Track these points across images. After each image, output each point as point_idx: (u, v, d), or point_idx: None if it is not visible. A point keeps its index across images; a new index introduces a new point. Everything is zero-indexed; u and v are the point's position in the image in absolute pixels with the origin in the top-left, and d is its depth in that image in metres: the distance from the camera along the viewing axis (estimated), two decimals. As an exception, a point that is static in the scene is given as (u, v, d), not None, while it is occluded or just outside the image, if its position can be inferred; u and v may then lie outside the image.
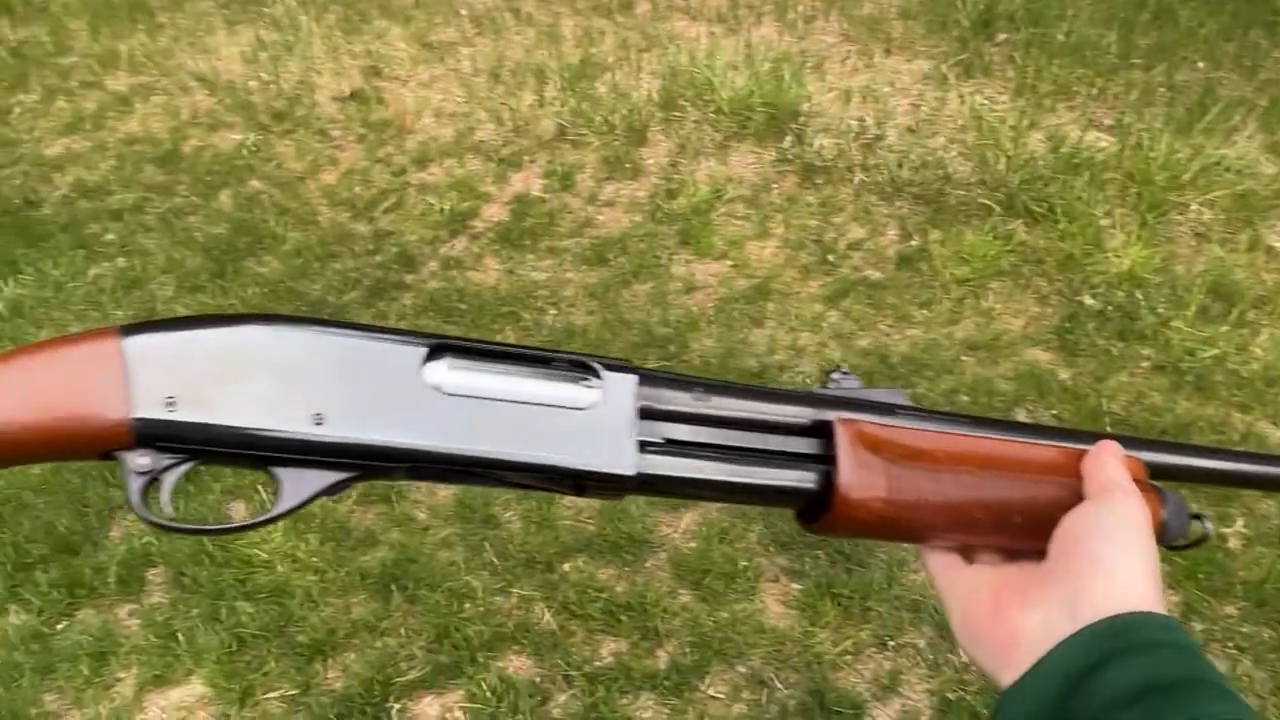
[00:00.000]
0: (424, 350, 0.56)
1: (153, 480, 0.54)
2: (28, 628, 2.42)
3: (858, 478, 0.60)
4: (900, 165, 3.85)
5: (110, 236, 4.05)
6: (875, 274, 3.50)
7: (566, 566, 2.51)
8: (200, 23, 5.74)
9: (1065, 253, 3.46)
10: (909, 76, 4.50)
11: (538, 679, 2.26)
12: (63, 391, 0.51)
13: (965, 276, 3.42)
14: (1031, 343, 3.16)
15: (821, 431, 0.62)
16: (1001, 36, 4.67)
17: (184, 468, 0.54)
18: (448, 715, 2.21)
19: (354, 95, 4.84)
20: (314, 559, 2.53)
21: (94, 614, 2.46)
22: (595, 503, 2.65)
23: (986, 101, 4.22)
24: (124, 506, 2.72)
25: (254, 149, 4.56)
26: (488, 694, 2.21)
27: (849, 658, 2.30)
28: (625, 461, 0.57)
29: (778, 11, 5.15)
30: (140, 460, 0.53)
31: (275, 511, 0.55)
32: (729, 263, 3.61)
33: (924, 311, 3.32)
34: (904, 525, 0.62)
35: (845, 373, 0.66)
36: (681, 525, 2.61)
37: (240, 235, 3.98)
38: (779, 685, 2.25)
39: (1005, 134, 3.86)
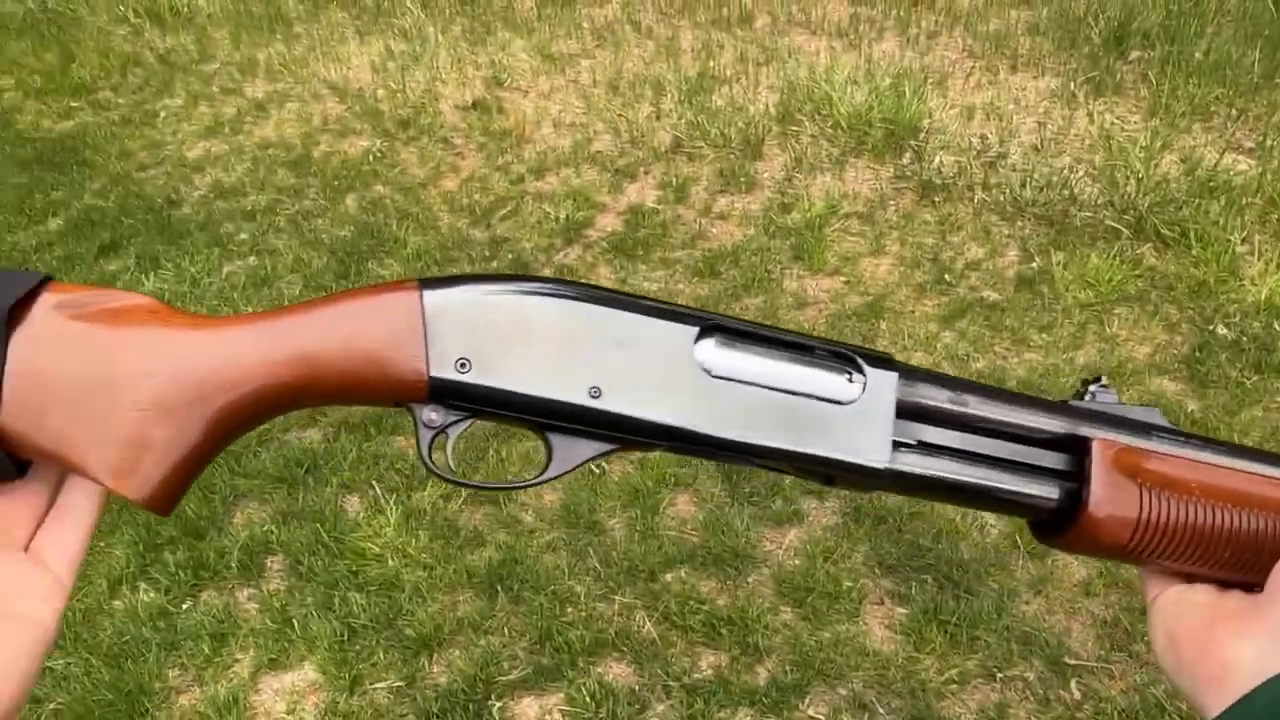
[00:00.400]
0: (695, 330, 0.57)
1: (439, 434, 0.56)
2: (155, 605, 2.54)
3: (1109, 499, 0.59)
4: (1023, 185, 3.75)
5: (243, 236, 4.24)
6: (993, 295, 3.42)
7: (669, 576, 2.52)
8: (334, 33, 5.98)
9: (1197, 279, 3.31)
10: (1035, 94, 4.38)
11: (636, 687, 2.27)
12: (370, 338, 0.54)
13: (1089, 301, 3.31)
14: (1158, 371, 3.04)
15: (1074, 447, 0.61)
16: (1135, 54, 4.51)
17: (466, 424, 0.56)
18: (547, 717, 2.24)
19: (476, 105, 4.96)
20: (423, 555, 2.60)
21: (216, 596, 2.57)
22: (700, 515, 2.65)
23: (1117, 121, 4.08)
24: (247, 495, 2.84)
25: (380, 155, 4.72)
26: (587, 699, 2.23)
27: (954, 687, 2.24)
28: (881, 458, 0.58)
29: (899, 27, 5.09)
30: (431, 415, 0.55)
31: (547, 475, 0.57)
32: (842, 279, 3.57)
33: (1043, 335, 3.22)
34: (1146, 551, 0.60)
35: (1104, 386, 0.65)
36: (785, 541, 2.59)
37: (364, 238, 4.12)
38: (881, 710, 2.20)
39: (1136, 155, 3.72)
